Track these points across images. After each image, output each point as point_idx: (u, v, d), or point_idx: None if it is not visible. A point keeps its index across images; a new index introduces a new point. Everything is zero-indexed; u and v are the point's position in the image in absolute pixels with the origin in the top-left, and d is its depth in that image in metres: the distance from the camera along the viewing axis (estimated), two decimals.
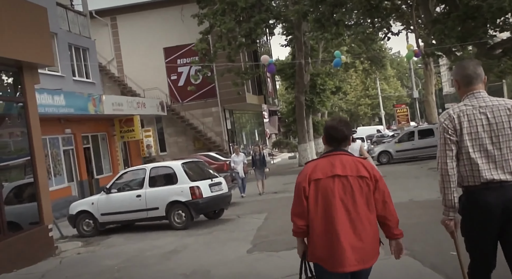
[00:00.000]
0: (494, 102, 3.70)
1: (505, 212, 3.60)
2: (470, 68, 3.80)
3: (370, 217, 3.65)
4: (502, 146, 3.63)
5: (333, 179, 3.64)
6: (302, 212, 3.69)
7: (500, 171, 3.62)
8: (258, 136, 43.28)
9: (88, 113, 20.81)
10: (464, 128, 3.67)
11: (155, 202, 13.49)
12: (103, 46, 33.29)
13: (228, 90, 31.20)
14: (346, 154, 3.77)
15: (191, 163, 14.66)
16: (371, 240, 3.63)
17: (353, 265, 3.56)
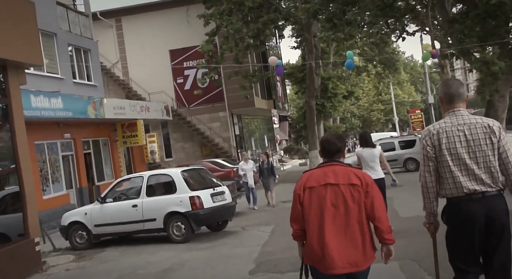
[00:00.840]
0: (472, 120, 4.03)
1: (487, 222, 3.86)
2: (453, 87, 4.14)
3: (361, 222, 3.89)
4: (479, 161, 3.94)
5: (325, 187, 3.95)
6: (297, 217, 4.06)
7: (480, 182, 3.91)
8: (267, 142, 42.17)
9: (88, 117, 19.82)
10: (443, 144, 4.00)
11: (153, 212, 12.46)
12: (108, 48, 32.45)
13: (236, 94, 30.16)
14: (340, 165, 4.10)
15: (191, 170, 13.58)
16: (363, 244, 3.87)
17: (344, 268, 3.81)
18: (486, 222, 3.88)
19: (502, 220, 3.91)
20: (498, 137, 3.99)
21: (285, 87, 45.73)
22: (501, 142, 3.99)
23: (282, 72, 20.73)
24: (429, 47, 18.53)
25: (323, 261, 3.87)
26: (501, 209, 3.94)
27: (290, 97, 65.58)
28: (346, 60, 44.85)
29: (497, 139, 3.98)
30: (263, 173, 17.50)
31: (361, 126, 71.31)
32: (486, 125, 4.00)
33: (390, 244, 4.02)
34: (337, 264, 3.83)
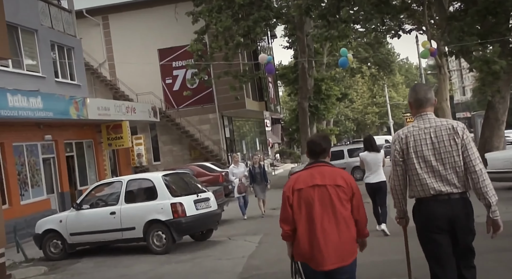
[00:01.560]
0: (438, 123, 4.20)
1: (450, 220, 4.09)
2: (422, 92, 4.31)
3: (347, 221, 4.13)
4: (445, 162, 4.12)
5: (313, 188, 4.16)
6: (287, 218, 4.21)
7: (446, 183, 4.11)
8: (259, 146, 41.24)
9: (70, 117, 18.83)
10: (410, 147, 4.18)
11: (131, 221, 11.55)
12: (95, 48, 31.46)
13: (226, 95, 29.19)
14: (326, 165, 4.29)
15: (174, 175, 12.65)
16: (348, 240, 4.12)
17: (334, 263, 4.05)
18: (448, 221, 4.11)
19: (461, 220, 4.14)
20: (461, 137, 4.12)
21: (277, 88, 44.88)
22: (464, 141, 4.12)
23: (273, 70, 19.77)
24: (428, 44, 17.71)
25: (313, 259, 4.11)
26: (464, 212, 4.16)
27: (282, 99, 64.71)
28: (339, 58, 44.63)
29: (460, 139, 4.12)
30: (255, 178, 15.47)
31: (355, 129, 70.55)
32: (450, 127, 4.17)
33: (365, 237, 4.38)
34: (326, 261, 4.07)
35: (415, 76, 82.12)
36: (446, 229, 4.14)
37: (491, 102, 19.38)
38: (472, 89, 79.10)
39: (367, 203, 7.06)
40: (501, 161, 14.26)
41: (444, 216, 4.12)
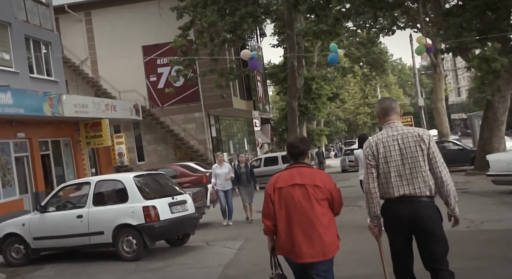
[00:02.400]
0: (404, 131, 4.53)
1: (412, 221, 4.39)
2: (387, 103, 4.74)
3: (326, 217, 4.42)
4: (411, 166, 4.43)
5: (293, 187, 4.46)
6: (269, 214, 4.54)
7: (411, 187, 4.41)
8: (247, 146, 40.27)
9: (44, 114, 17.84)
10: (380, 153, 4.51)
11: (100, 225, 10.58)
12: (77, 44, 30.37)
13: (212, 93, 28.14)
14: (305, 166, 4.60)
15: (147, 176, 11.68)
16: (328, 236, 4.38)
17: (313, 257, 4.35)
18: (410, 222, 4.37)
19: (424, 223, 4.36)
20: (428, 145, 4.40)
21: (266, 87, 43.91)
22: (431, 149, 4.41)
23: (257, 66, 18.78)
24: (423, 39, 16.85)
25: (293, 252, 4.39)
26: (426, 214, 4.36)
27: (272, 99, 63.82)
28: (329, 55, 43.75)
29: (426, 146, 4.40)
30: (241, 179, 13.80)
31: (347, 130, 69.80)
32: (416, 134, 4.45)
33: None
34: (304, 255, 4.34)
35: (409, 77, 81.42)
36: (408, 229, 4.43)
37: (490, 102, 18.56)
38: (468, 90, 78.66)
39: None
40: (505, 164, 13.46)
41: (407, 217, 4.38)
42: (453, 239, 8.98)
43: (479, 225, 10.26)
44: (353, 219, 11.45)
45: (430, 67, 72.72)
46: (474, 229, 9.89)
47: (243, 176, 13.88)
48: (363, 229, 5.85)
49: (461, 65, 74.38)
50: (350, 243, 8.36)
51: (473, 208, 12.31)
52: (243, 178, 13.89)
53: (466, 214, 11.64)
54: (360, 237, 8.99)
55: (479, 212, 11.73)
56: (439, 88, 31.56)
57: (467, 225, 10.20)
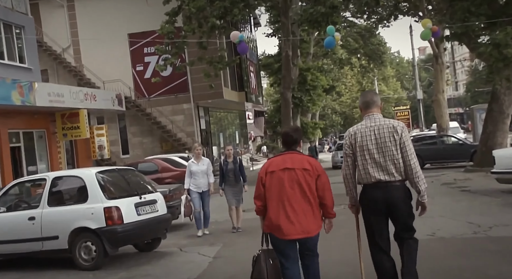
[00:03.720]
0: (381, 122, 4.95)
1: (387, 203, 4.90)
2: (368, 96, 5.18)
3: (312, 200, 4.90)
4: (385, 155, 4.87)
5: (283, 171, 4.94)
6: (260, 195, 5.04)
7: (386, 173, 4.88)
8: (239, 139, 38.82)
9: (12, 103, 16.35)
10: (357, 142, 4.96)
11: (54, 228, 9.13)
12: (58, 31, 28.77)
13: (202, 84, 26.57)
14: (297, 153, 5.11)
15: (112, 172, 10.15)
16: (312, 216, 4.91)
17: (297, 234, 4.85)
18: (386, 204, 4.91)
19: (397, 204, 4.91)
20: (400, 135, 4.87)
21: (260, 79, 42.38)
22: (402, 139, 4.87)
23: (246, 49, 17.16)
24: (429, 22, 15.37)
25: (280, 230, 4.88)
26: (398, 196, 4.91)
27: (267, 91, 62.28)
28: (328, 52, 42.16)
29: (399, 137, 4.87)
30: (226, 177, 11.25)
31: (342, 123, 68.37)
32: (391, 126, 4.91)
33: (331, 218, 5.12)
34: (291, 232, 4.85)
35: (406, 70, 79.94)
36: (383, 211, 4.92)
37: (496, 94, 17.13)
38: (466, 84, 77.34)
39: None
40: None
41: (382, 200, 4.88)
42: (460, 247, 7.82)
43: (487, 230, 8.94)
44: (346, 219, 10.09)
45: (429, 60, 71.66)
46: (483, 236, 8.58)
47: (230, 174, 11.22)
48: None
49: (462, 57, 73.01)
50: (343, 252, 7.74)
51: (477, 210, 11.10)
52: (228, 176, 11.21)
53: (470, 216, 10.40)
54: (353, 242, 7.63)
55: (485, 215, 10.44)
56: (441, 80, 30.14)
57: (474, 231, 9.02)
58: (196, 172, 11.14)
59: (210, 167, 11.39)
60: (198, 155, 11.39)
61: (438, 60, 28.86)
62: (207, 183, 11.23)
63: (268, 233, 5.02)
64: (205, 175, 11.19)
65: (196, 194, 11.13)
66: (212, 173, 11.43)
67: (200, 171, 11.12)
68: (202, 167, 11.18)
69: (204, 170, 11.18)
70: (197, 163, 11.22)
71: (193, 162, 11.29)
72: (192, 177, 11.12)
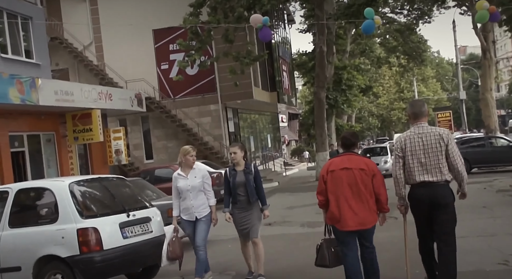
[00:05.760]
0: (429, 130, 5.57)
1: (430, 201, 5.46)
2: (417, 107, 5.76)
3: (367, 196, 5.58)
4: (431, 159, 5.49)
5: (342, 170, 5.64)
6: (322, 191, 5.74)
7: (430, 175, 5.48)
8: (271, 143, 36.55)
9: (9, 102, 14.51)
10: (407, 147, 5.60)
11: (16, 257, 7.17)
12: (80, 27, 27.13)
13: (230, 83, 24.31)
14: (354, 154, 5.81)
15: (92, 182, 7.97)
16: (368, 210, 5.58)
17: (354, 226, 5.54)
18: (430, 203, 5.47)
19: (441, 202, 5.45)
20: (446, 142, 5.47)
21: (293, 78, 40.03)
22: (449, 146, 5.46)
23: (269, 35, 14.84)
24: (485, 2, 12.93)
25: (340, 222, 5.58)
26: (441, 195, 5.45)
27: (301, 93, 59.89)
28: (365, 50, 39.61)
29: (445, 143, 5.47)
30: (235, 196, 7.28)
31: (380, 126, 65.44)
32: (437, 133, 5.53)
33: (386, 212, 5.77)
34: (349, 224, 5.53)
35: (446, 70, 76.39)
36: (427, 207, 5.50)
37: None
38: (509, 84, 73.38)
39: None
40: None
41: (426, 197, 5.48)
42: None
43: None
44: (390, 236, 7.89)
45: (470, 60, 68.08)
46: None
47: (240, 190, 7.22)
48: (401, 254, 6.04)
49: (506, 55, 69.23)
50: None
51: None
52: (239, 194, 7.24)
53: None
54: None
55: None
56: (489, 77, 27.31)
57: None
58: (185, 189, 7.25)
59: (208, 179, 7.43)
60: (189, 163, 7.35)
61: (486, 54, 26.11)
62: (203, 206, 7.29)
63: (330, 224, 5.78)
64: (199, 193, 7.27)
65: (191, 228, 7.31)
66: (213, 191, 7.46)
67: (191, 188, 7.22)
68: (193, 181, 7.25)
69: (197, 185, 7.25)
70: (186, 176, 7.28)
71: (180, 175, 7.37)
72: (181, 197, 7.36)
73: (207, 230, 7.32)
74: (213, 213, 7.35)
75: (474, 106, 72.39)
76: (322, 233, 5.98)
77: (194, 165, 7.41)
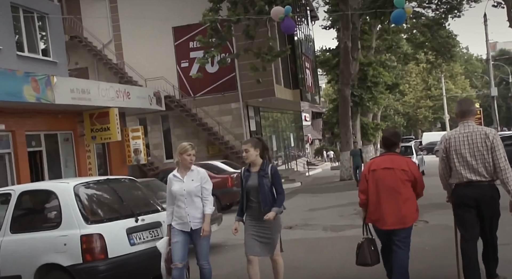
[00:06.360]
0: (475, 129, 5.51)
1: (476, 200, 5.48)
2: (465, 106, 5.74)
3: (408, 196, 5.64)
4: (477, 158, 5.46)
5: (384, 170, 5.69)
6: (364, 189, 5.79)
7: (476, 174, 5.46)
8: (294, 142, 35.83)
9: (23, 100, 14.16)
10: (451, 146, 5.58)
11: (16, 264, 6.65)
12: (99, 26, 26.85)
13: (252, 81, 23.70)
14: (395, 154, 5.83)
15: (99, 184, 7.37)
16: (408, 209, 5.61)
17: (394, 225, 5.60)
18: (476, 202, 5.48)
19: (487, 201, 5.49)
20: (492, 141, 5.42)
21: (317, 76, 39.21)
22: (493, 145, 5.42)
23: (293, 27, 14.05)
24: None
25: (380, 220, 5.67)
26: (488, 195, 5.49)
27: (325, 91, 58.99)
28: (391, 46, 38.50)
29: (490, 142, 5.42)
30: (249, 203, 6.06)
31: (405, 125, 64.11)
32: (483, 132, 5.47)
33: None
34: (388, 223, 5.61)
35: (476, 67, 74.44)
36: (473, 207, 5.51)
37: None
38: None
39: None
40: None
41: (472, 197, 5.50)
42: None
43: None
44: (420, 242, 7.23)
45: (499, 56, 66.12)
46: None
47: (252, 195, 6.01)
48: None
49: None
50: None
51: None
52: (251, 200, 6.04)
53: None
54: None
55: None
56: None
57: None
58: (179, 193, 6.17)
59: (207, 183, 6.27)
60: (186, 163, 6.22)
61: None
62: (201, 215, 6.20)
63: (371, 223, 5.82)
64: (196, 200, 6.20)
65: (181, 236, 6.20)
66: (212, 197, 6.39)
67: (186, 193, 6.15)
68: (190, 185, 6.17)
69: (194, 190, 6.17)
70: (182, 178, 6.22)
71: (176, 176, 6.28)
72: (175, 203, 6.27)
73: (208, 244, 6.30)
74: (205, 224, 6.11)
75: (504, 104, 70.48)
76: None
77: (193, 166, 6.29)
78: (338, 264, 7.62)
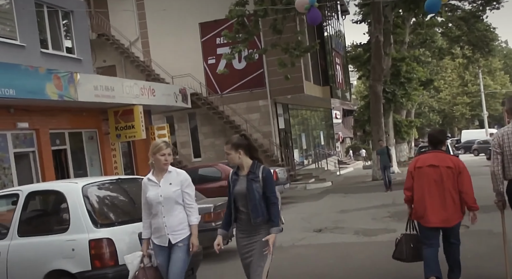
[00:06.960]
0: None
1: None
2: None
3: (453, 194, 5.59)
4: None
5: (429, 167, 5.70)
6: (409, 186, 5.85)
7: None
8: (324, 140, 35.06)
9: (46, 98, 13.84)
10: (505, 142, 5.51)
11: (23, 270, 6.22)
12: (126, 23, 26.64)
13: (280, 77, 23.10)
14: (441, 152, 5.85)
15: (110, 185, 6.87)
16: (453, 208, 5.60)
17: (438, 223, 5.62)
18: None
19: None
20: None
21: (347, 72, 38.31)
22: None
23: (319, 18, 13.37)
24: None
25: (424, 218, 5.70)
26: None
27: (356, 89, 57.89)
28: (426, 40, 37.27)
29: None
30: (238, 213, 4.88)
31: (441, 122, 62.44)
32: None
33: (474, 210, 5.64)
34: (432, 221, 5.63)
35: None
36: None
37: None
38: None
39: None
40: None
41: None
42: None
43: None
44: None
45: None
46: None
47: (240, 203, 4.85)
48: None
49: None
50: None
51: None
52: (240, 210, 4.87)
53: None
54: None
55: None
56: None
57: None
58: (155, 201, 5.13)
59: (189, 187, 5.22)
60: (160, 166, 5.21)
61: None
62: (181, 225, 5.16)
63: (415, 220, 5.95)
64: (176, 208, 5.16)
65: (163, 256, 5.20)
66: (196, 205, 5.28)
67: (164, 200, 5.11)
68: (168, 189, 5.13)
69: (173, 195, 5.12)
70: (158, 182, 5.18)
71: (151, 180, 5.25)
72: (152, 212, 5.22)
73: (185, 261, 5.11)
74: (193, 236, 5.10)
75: None
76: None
77: (170, 168, 5.26)
78: (369, 272, 7.00)
